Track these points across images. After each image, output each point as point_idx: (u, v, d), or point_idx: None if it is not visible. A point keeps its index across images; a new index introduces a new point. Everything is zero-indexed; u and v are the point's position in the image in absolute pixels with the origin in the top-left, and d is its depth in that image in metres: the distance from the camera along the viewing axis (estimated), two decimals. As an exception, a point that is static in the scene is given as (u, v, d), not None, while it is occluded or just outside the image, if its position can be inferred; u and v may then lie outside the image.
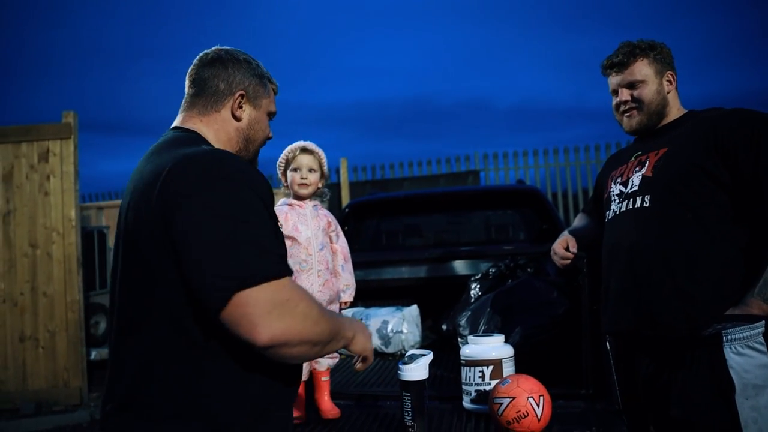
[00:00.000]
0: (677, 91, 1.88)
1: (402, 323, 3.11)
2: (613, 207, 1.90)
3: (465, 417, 1.99)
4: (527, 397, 1.74)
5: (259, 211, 1.09)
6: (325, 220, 2.24)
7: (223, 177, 1.09)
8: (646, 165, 1.81)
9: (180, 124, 1.33)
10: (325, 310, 1.14)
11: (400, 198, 4.38)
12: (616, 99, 1.89)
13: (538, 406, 1.73)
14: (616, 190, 1.90)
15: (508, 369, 2.00)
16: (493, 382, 1.92)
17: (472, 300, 2.90)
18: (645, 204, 1.77)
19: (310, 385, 2.17)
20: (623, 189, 1.87)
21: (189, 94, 1.35)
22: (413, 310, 3.21)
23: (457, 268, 3.38)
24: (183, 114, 1.35)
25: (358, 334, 1.26)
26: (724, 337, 1.62)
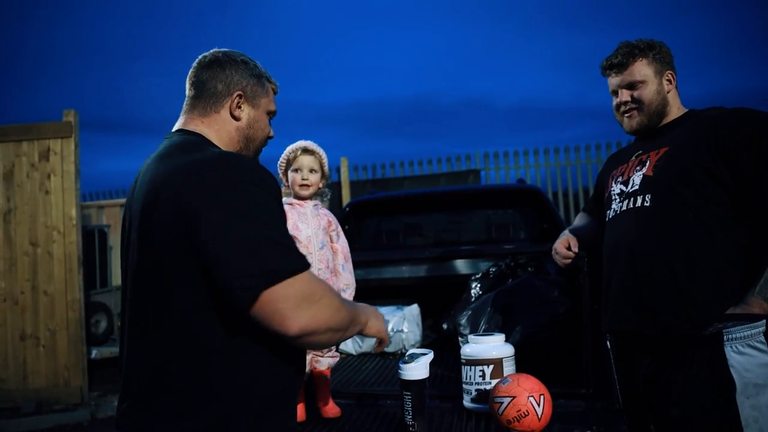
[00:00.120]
0: (677, 90, 1.88)
1: (402, 322, 3.11)
2: (613, 206, 1.90)
3: (465, 416, 1.99)
4: (528, 396, 1.74)
5: (275, 210, 1.15)
6: (325, 219, 2.24)
7: (241, 180, 1.13)
8: (647, 164, 1.81)
9: (183, 126, 1.36)
10: (343, 299, 1.21)
11: (401, 197, 4.38)
12: (616, 100, 1.89)
13: (539, 405, 1.73)
14: (616, 189, 1.90)
15: (509, 368, 2.00)
16: (494, 381, 1.92)
17: (473, 299, 2.90)
18: (646, 203, 1.77)
19: (311, 385, 2.18)
20: (624, 188, 1.87)
21: (189, 96, 1.38)
22: (414, 310, 3.22)
23: (457, 267, 3.38)
24: (185, 116, 1.38)
25: (371, 318, 1.33)
26: (725, 336, 1.62)
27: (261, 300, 1.05)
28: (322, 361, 2.17)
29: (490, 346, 2.03)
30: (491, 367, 1.98)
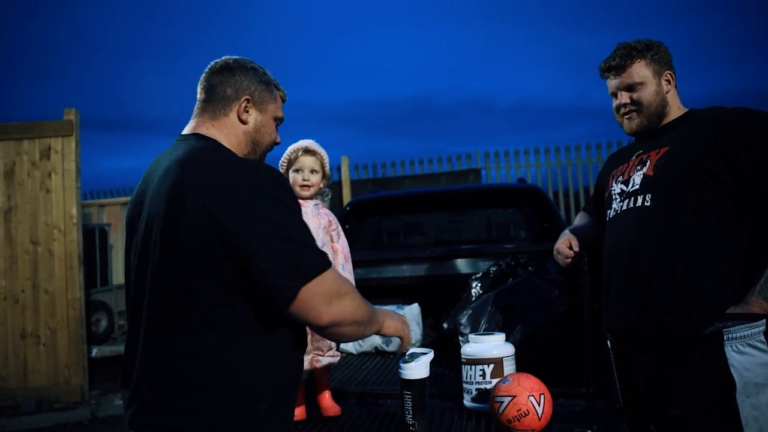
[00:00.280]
0: (677, 90, 1.88)
1: (403, 321, 3.10)
2: (614, 206, 1.90)
3: (466, 415, 1.99)
4: (528, 396, 1.74)
5: (299, 213, 1.25)
6: (326, 218, 2.24)
7: (270, 189, 1.22)
8: (648, 164, 1.81)
9: (195, 129, 1.40)
10: (362, 297, 1.33)
11: (402, 196, 4.38)
12: (616, 101, 1.89)
13: (539, 404, 1.73)
14: (617, 188, 1.90)
15: (509, 367, 2.00)
16: (494, 381, 1.92)
17: (473, 298, 2.89)
18: (646, 203, 1.77)
19: (312, 384, 2.18)
20: (624, 188, 1.87)
21: (200, 100, 1.43)
22: (414, 309, 3.21)
23: (458, 266, 3.37)
24: (196, 119, 1.42)
25: (387, 318, 1.45)
26: (725, 336, 1.62)
27: (299, 297, 1.17)
28: (323, 361, 2.17)
29: (491, 345, 2.03)
30: (491, 366, 1.98)
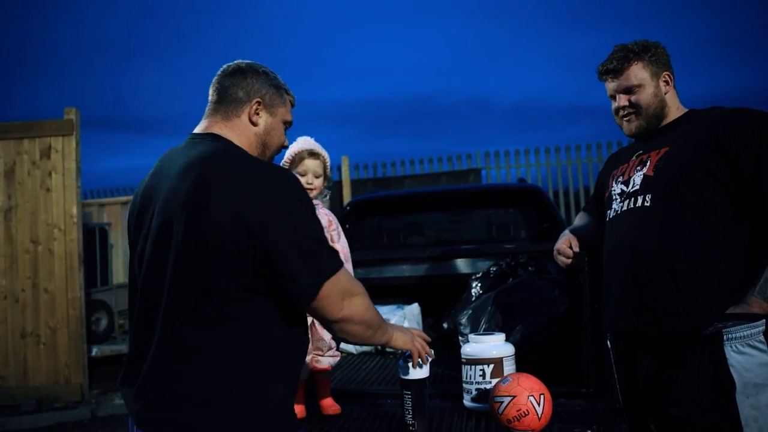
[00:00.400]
0: (675, 90, 1.87)
1: (403, 321, 3.11)
2: (614, 206, 1.90)
3: (465, 415, 1.99)
4: (528, 396, 1.74)
5: (315, 213, 1.31)
6: (326, 218, 2.24)
7: (291, 186, 1.29)
8: (648, 164, 1.81)
9: (208, 129, 1.43)
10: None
11: (402, 196, 4.38)
12: (615, 104, 1.89)
13: (539, 404, 1.73)
14: (617, 189, 1.90)
15: (509, 367, 2.00)
16: (494, 381, 1.92)
17: (473, 298, 2.89)
18: (646, 203, 1.77)
19: (312, 383, 2.18)
20: (624, 188, 1.87)
21: (212, 101, 1.46)
22: (414, 309, 3.22)
23: (458, 266, 3.37)
24: (208, 120, 1.45)
25: (396, 332, 1.53)
26: (725, 336, 1.62)
27: (320, 294, 1.25)
28: (323, 360, 2.18)
29: (491, 345, 2.03)
30: (491, 366, 1.98)
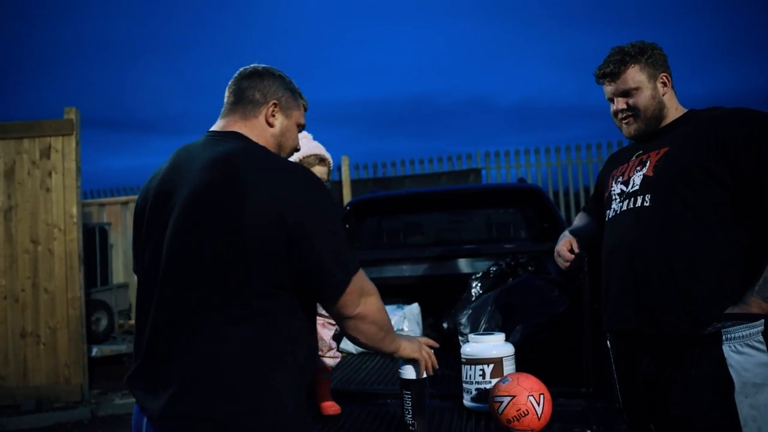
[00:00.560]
0: (674, 91, 1.87)
1: (403, 321, 3.11)
2: (613, 206, 1.90)
3: (465, 415, 1.99)
4: (527, 396, 1.74)
5: (339, 213, 1.32)
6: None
7: (320, 185, 1.34)
8: (647, 164, 1.81)
9: (228, 128, 1.45)
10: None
11: (402, 196, 4.38)
12: (613, 107, 1.89)
13: (539, 404, 1.73)
14: (617, 189, 1.90)
15: (509, 367, 2.00)
16: (494, 381, 1.92)
17: (473, 298, 2.89)
18: (646, 203, 1.77)
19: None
20: (624, 188, 1.87)
21: (229, 102, 1.49)
22: (414, 309, 3.21)
23: (458, 266, 3.37)
24: (226, 119, 1.47)
25: (404, 342, 1.58)
26: (724, 336, 1.62)
27: (347, 290, 1.31)
28: (323, 361, 2.17)
29: (490, 345, 2.02)
30: (491, 366, 1.98)
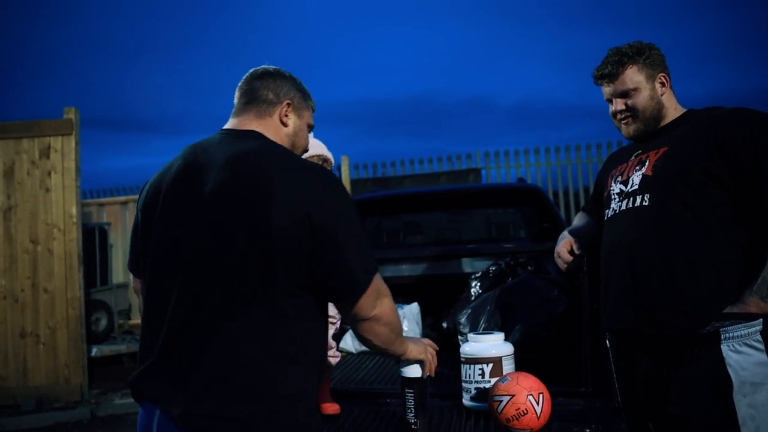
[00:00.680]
0: (672, 91, 1.87)
1: (402, 321, 3.10)
2: (612, 205, 1.90)
3: (465, 414, 1.99)
4: (527, 395, 1.74)
5: (360, 214, 1.36)
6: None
7: (343, 188, 1.35)
8: (646, 164, 1.81)
9: (243, 126, 1.45)
10: None
11: (401, 196, 4.38)
12: (612, 108, 1.89)
13: (538, 403, 1.74)
14: (616, 188, 1.90)
15: (508, 367, 2.00)
16: (493, 380, 1.92)
17: (473, 298, 2.89)
18: (645, 203, 1.77)
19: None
20: (623, 188, 1.87)
21: (241, 102, 1.49)
22: (414, 308, 3.22)
23: (457, 266, 3.37)
24: (239, 118, 1.47)
25: (410, 344, 1.58)
26: (722, 335, 1.63)
27: (368, 290, 1.31)
28: (322, 359, 2.18)
29: (490, 344, 2.03)
30: (490, 365, 1.98)
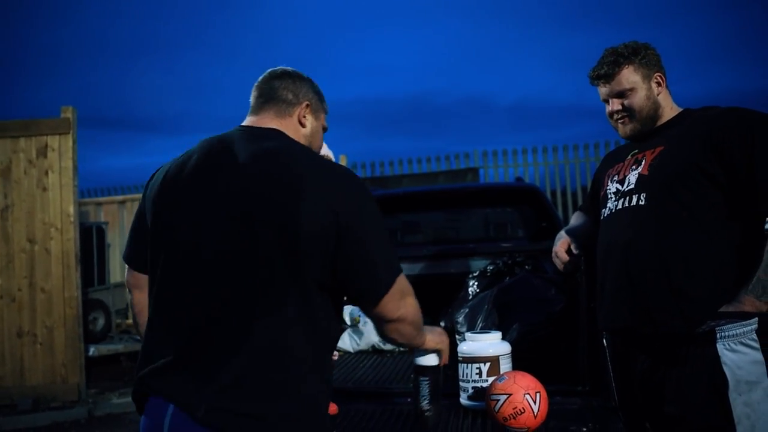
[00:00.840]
0: (668, 90, 1.87)
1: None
2: (609, 205, 1.90)
3: (462, 413, 1.99)
4: (524, 394, 1.74)
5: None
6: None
7: (367, 189, 1.35)
8: (643, 163, 1.82)
9: (262, 124, 1.44)
10: None
11: (399, 195, 4.38)
12: (608, 108, 1.90)
13: (535, 402, 1.74)
14: (612, 188, 1.91)
15: (505, 366, 2.00)
16: (490, 379, 1.92)
17: (470, 297, 2.89)
18: (641, 202, 1.78)
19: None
20: (620, 187, 1.87)
21: (259, 101, 1.49)
22: (411, 307, 3.21)
23: (455, 265, 3.37)
24: (258, 116, 1.47)
25: (428, 334, 1.58)
26: (718, 334, 1.63)
27: (391, 290, 1.30)
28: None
29: (487, 343, 2.03)
30: (488, 364, 1.98)
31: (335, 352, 2.23)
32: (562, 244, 2.07)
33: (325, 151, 2.26)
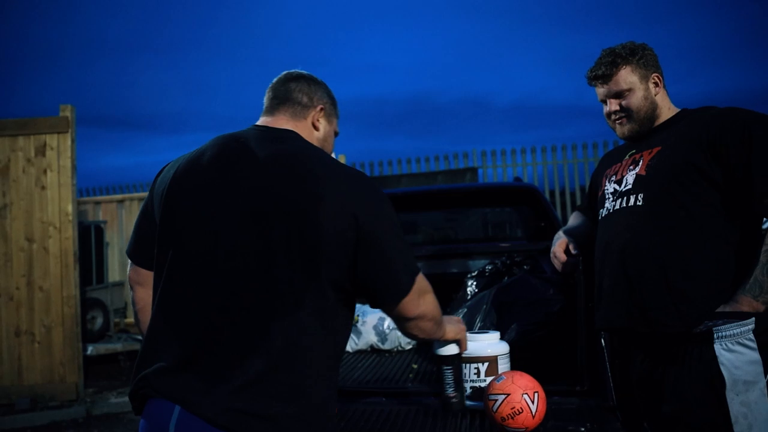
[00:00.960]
0: (666, 91, 1.88)
1: (398, 320, 3.10)
2: (606, 205, 1.90)
3: (460, 413, 1.99)
4: (522, 394, 1.74)
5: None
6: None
7: (383, 193, 1.36)
8: (640, 163, 1.82)
9: (278, 125, 1.45)
10: None
11: (398, 195, 4.37)
12: (606, 108, 1.90)
13: (533, 402, 1.74)
14: (610, 188, 1.91)
15: (504, 366, 2.01)
16: (488, 379, 1.92)
17: (469, 297, 2.90)
18: (638, 202, 1.78)
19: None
20: (617, 187, 1.87)
21: (273, 102, 1.49)
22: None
23: (453, 265, 3.37)
24: (273, 117, 1.47)
25: (448, 324, 1.64)
26: (715, 334, 1.63)
27: (410, 292, 1.32)
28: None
29: (485, 343, 2.03)
30: (486, 364, 1.98)
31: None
32: (560, 245, 2.07)
33: None
